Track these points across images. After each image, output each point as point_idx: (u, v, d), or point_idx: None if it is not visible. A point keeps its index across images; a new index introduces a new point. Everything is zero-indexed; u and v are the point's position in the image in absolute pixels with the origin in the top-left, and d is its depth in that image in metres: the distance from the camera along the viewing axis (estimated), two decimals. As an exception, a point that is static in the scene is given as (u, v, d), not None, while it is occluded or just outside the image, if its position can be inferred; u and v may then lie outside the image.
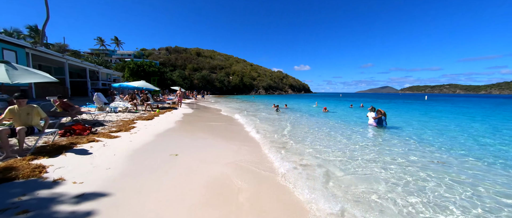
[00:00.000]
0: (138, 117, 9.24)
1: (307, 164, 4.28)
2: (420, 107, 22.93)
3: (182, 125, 8.23)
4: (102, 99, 10.48)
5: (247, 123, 9.63)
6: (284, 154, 4.89)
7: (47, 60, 18.07)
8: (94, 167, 3.51)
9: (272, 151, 5.09)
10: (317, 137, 6.90)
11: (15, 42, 12.02)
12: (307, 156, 4.82)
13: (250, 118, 11.31)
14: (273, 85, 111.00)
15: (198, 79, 77.89)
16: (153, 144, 5.12)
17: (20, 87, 12.46)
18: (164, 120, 9.31)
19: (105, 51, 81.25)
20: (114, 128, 6.63)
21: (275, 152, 5.01)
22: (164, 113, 11.38)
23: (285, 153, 5.01)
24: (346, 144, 6.05)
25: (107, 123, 7.57)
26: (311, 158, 4.68)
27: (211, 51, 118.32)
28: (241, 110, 15.81)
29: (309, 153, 5.09)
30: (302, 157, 4.75)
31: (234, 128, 8.35)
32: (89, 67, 22.58)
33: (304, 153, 5.05)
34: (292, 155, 4.85)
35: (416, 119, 12.64)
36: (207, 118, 11.01)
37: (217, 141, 5.84)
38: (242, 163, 4.12)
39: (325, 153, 5.09)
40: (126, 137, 5.58)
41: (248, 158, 4.43)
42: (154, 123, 8.15)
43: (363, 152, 5.26)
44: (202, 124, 8.80)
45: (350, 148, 5.67)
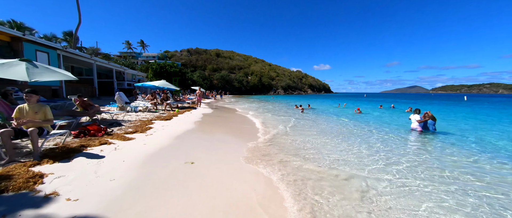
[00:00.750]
0: (157, 117, 8.96)
1: (345, 178, 3.38)
2: (465, 109, 20.19)
3: (200, 126, 7.71)
4: (123, 99, 10.45)
5: (272, 126, 8.87)
6: (321, 169, 4.02)
7: (78, 62, 19.08)
8: (98, 176, 2.99)
9: (308, 162, 4.25)
10: (359, 144, 5.88)
11: (47, 44, 12.64)
12: (341, 168, 3.91)
13: (275, 121, 10.52)
14: (292, 85, 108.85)
15: (218, 79, 78.98)
16: (167, 149, 4.58)
17: (51, 87, 13.08)
18: (182, 120, 8.91)
19: (132, 53, 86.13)
20: (130, 129, 6.29)
21: (312, 162, 4.17)
22: (183, 113, 11.07)
23: (319, 167, 4.14)
24: (395, 154, 4.98)
25: (125, 123, 7.32)
26: (349, 169, 3.76)
27: (230, 52, 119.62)
28: (262, 111, 15.07)
29: (345, 161, 4.16)
30: (336, 169, 3.85)
31: (257, 132, 7.63)
32: (115, 68, 23.57)
33: (340, 163, 4.13)
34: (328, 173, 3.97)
35: (468, 122, 10.82)
36: (227, 120, 10.45)
37: (240, 147, 5.15)
38: (272, 181, 3.35)
39: (370, 167, 4.12)
40: (141, 140, 5.13)
41: (279, 175, 3.64)
42: (172, 124, 7.75)
43: (416, 164, 4.19)
44: (222, 126, 8.20)
45: (401, 158, 4.61)
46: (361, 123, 10.22)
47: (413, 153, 5.08)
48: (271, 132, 7.26)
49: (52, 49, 13.19)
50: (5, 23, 26.38)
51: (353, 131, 8.10)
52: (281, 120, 10.75)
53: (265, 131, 7.51)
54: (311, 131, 7.73)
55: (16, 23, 28.02)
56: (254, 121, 9.90)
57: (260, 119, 10.69)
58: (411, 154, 4.93)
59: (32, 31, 29.99)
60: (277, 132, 7.29)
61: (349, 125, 9.58)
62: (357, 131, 8.09)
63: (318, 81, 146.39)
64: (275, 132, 7.28)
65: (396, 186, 3.28)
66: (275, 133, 7.18)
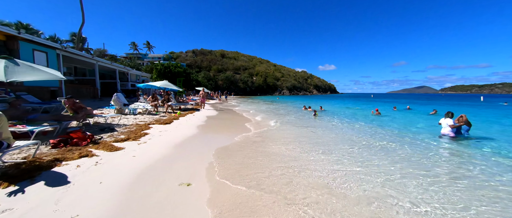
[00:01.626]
0: (156, 121, 8.19)
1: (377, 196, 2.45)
2: (492, 111, 18.74)
3: (203, 132, 6.88)
4: (121, 100, 9.74)
5: (287, 130, 7.96)
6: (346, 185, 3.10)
7: (80, 62, 18.66)
8: (57, 210, 2.17)
9: (330, 178, 3.34)
10: (387, 155, 4.92)
11: (46, 43, 12.13)
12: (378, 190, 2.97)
13: (287, 125, 9.61)
14: (297, 85, 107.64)
15: (223, 80, 78.56)
16: (161, 163, 3.75)
17: (49, 87, 12.55)
18: (184, 124, 8.12)
19: (138, 55, 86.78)
20: (122, 135, 5.51)
21: (332, 180, 3.26)
22: (185, 116, 10.29)
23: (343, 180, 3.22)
24: (437, 172, 4.01)
25: (119, 127, 6.56)
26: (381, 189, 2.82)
27: (235, 53, 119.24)
28: (271, 114, 14.16)
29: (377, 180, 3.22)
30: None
31: (272, 140, 6.74)
32: (118, 68, 23.13)
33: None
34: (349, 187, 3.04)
35: (501, 127, 9.64)
36: (234, 124, 9.60)
37: (252, 160, 4.28)
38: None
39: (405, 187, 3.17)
40: (131, 150, 4.33)
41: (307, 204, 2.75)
42: (172, 129, 6.95)
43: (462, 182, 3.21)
44: (228, 132, 7.32)
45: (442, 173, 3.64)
46: (385, 128, 9.20)
47: (456, 166, 4.10)
48: (288, 139, 6.37)
49: (51, 49, 12.67)
50: (11, 25, 26.30)
51: (387, 140, 7.11)
52: (294, 123, 9.84)
53: (281, 137, 6.63)
54: (334, 144, 6.79)
55: (23, 24, 28.02)
56: (269, 125, 9.02)
57: (270, 123, 9.80)
58: (455, 167, 3.96)
59: (39, 32, 30.01)
60: (293, 140, 6.39)
61: (377, 132, 8.57)
62: (389, 139, 7.10)
63: (324, 82, 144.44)
64: (292, 139, 6.38)
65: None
66: (292, 142, 6.28)
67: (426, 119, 12.44)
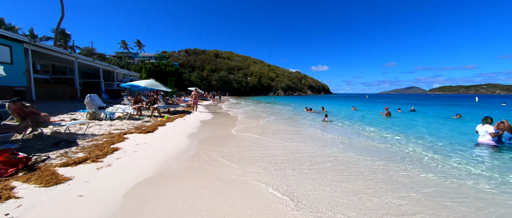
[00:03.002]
0: (137, 128, 6.67)
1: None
2: (498, 112, 18.04)
3: (196, 143, 5.43)
4: (96, 103, 8.14)
5: (318, 152, 6.59)
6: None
7: (57, 59, 16.73)
8: None
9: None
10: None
11: (8, 35, 10.32)
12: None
13: (307, 139, 8.25)
14: (292, 86, 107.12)
15: (216, 80, 76.73)
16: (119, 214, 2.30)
17: (14, 87, 10.74)
18: (170, 131, 6.64)
19: (128, 54, 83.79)
20: (81, 152, 4.00)
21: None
22: (174, 120, 8.78)
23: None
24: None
25: (85, 138, 5.03)
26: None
27: (229, 53, 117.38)
28: (274, 118, 12.77)
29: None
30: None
31: (285, 152, 5.35)
32: (102, 66, 21.22)
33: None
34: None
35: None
36: (234, 129, 8.14)
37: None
38: None
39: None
40: (81, 182, 2.85)
41: None
42: (154, 139, 5.47)
43: None
44: (228, 145, 5.83)
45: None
46: (409, 136, 8.00)
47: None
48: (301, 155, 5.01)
49: (15, 42, 10.86)
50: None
51: (419, 151, 5.86)
52: (315, 136, 8.51)
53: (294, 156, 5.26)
54: (362, 160, 5.49)
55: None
56: (270, 139, 7.62)
57: (274, 128, 8.43)
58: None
59: (15, 28, 27.57)
60: (311, 153, 5.04)
61: (408, 139, 7.34)
62: (434, 150, 5.86)
63: (318, 82, 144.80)
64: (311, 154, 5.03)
65: None
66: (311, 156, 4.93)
67: (447, 123, 11.39)
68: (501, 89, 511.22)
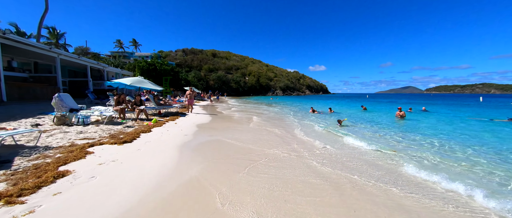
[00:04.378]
0: (112, 136, 5.23)
1: None
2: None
3: (185, 162, 4.00)
4: (66, 104, 6.67)
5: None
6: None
7: (38, 56, 15.11)
8: None
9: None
10: None
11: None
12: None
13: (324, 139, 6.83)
14: (290, 85, 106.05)
15: (214, 80, 75.18)
16: None
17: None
18: (155, 140, 5.20)
19: (124, 53, 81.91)
20: (7, 180, 2.57)
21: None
22: (163, 125, 7.33)
23: None
24: None
25: (31, 153, 3.59)
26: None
27: (226, 52, 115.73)
28: (289, 122, 11.33)
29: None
30: None
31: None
32: (90, 64, 19.60)
33: None
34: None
35: None
36: (241, 138, 6.66)
37: None
38: None
39: None
40: None
41: None
42: (127, 155, 4.03)
43: None
44: (238, 162, 3.97)
45: None
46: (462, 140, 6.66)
47: None
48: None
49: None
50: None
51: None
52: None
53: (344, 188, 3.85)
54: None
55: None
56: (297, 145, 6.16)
57: (290, 138, 7.03)
58: None
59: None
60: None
61: (464, 148, 5.97)
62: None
63: (316, 82, 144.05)
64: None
65: None
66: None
67: (477, 125, 10.10)
68: (496, 88, 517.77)
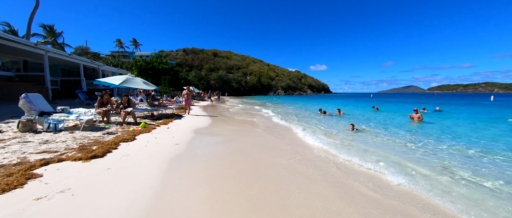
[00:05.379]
0: (81, 148, 4.11)
1: None
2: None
3: (171, 188, 2.88)
4: (36, 106, 5.58)
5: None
6: None
7: (29, 54, 14.08)
8: None
9: None
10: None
11: None
12: None
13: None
14: (292, 85, 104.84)
15: (215, 80, 74.09)
16: None
17: None
18: (136, 155, 4.07)
19: (124, 53, 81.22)
20: None
21: None
22: (151, 130, 6.20)
23: None
24: None
25: None
26: None
27: (227, 52, 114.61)
28: (301, 124, 10.16)
29: None
30: None
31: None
32: (84, 63, 18.53)
33: None
34: None
35: None
36: (253, 150, 5.41)
37: None
38: None
39: None
40: None
41: None
42: (89, 180, 2.89)
43: None
44: (257, 193, 2.82)
45: None
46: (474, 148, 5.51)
47: None
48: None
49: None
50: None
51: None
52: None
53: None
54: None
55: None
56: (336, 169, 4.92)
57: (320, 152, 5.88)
58: None
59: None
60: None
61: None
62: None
63: (318, 81, 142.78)
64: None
65: None
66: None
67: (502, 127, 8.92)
68: (499, 87, 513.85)
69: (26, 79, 13.49)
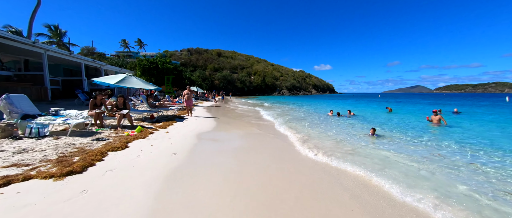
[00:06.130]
0: (59, 161, 3.43)
1: None
2: None
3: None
4: (18, 108, 4.95)
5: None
6: None
7: (30, 53, 13.67)
8: None
9: None
10: None
11: None
12: None
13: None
14: (296, 85, 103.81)
15: (219, 80, 73.66)
16: None
17: None
18: (124, 169, 3.37)
19: (129, 53, 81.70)
20: None
21: None
22: (148, 136, 5.51)
23: None
24: None
25: None
26: None
27: (231, 52, 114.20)
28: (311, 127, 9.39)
29: None
30: None
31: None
32: (86, 62, 18.11)
33: None
34: None
35: None
36: (263, 163, 4.62)
37: None
38: None
39: None
40: None
41: None
42: (47, 213, 2.21)
43: None
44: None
45: None
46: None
47: None
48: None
49: None
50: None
51: None
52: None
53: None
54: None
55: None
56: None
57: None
58: None
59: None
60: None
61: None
62: None
63: (322, 81, 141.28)
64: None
65: None
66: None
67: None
68: (510, 87, 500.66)
69: (25, 79, 13.09)
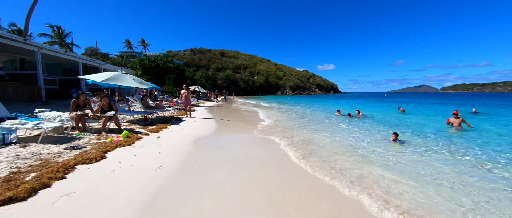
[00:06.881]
0: (10, 177, 2.65)
1: None
2: None
3: None
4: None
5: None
6: None
7: (24, 52, 13.11)
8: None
9: None
10: None
11: None
12: None
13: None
14: (300, 85, 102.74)
15: (222, 79, 73.05)
16: None
17: None
18: (88, 193, 2.55)
19: (132, 53, 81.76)
20: None
21: None
22: (134, 142, 4.71)
23: None
24: None
25: None
26: None
27: (234, 52, 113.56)
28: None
29: None
30: None
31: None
32: (83, 61, 17.52)
33: None
34: None
35: None
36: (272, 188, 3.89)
37: None
38: None
39: None
40: None
41: None
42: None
43: None
44: None
45: None
46: None
47: None
48: None
49: None
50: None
51: None
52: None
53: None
54: None
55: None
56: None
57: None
58: None
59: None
60: None
61: None
62: None
63: (326, 81, 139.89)
64: None
65: None
66: None
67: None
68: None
69: (18, 78, 12.52)
